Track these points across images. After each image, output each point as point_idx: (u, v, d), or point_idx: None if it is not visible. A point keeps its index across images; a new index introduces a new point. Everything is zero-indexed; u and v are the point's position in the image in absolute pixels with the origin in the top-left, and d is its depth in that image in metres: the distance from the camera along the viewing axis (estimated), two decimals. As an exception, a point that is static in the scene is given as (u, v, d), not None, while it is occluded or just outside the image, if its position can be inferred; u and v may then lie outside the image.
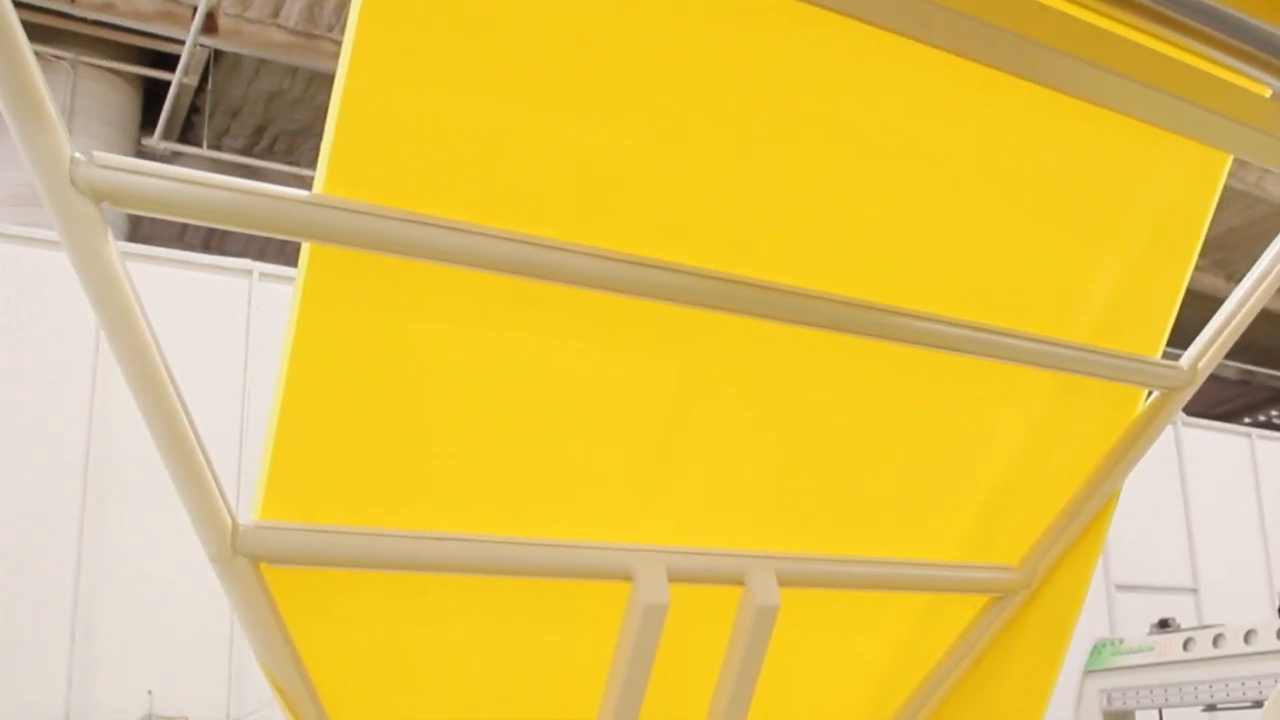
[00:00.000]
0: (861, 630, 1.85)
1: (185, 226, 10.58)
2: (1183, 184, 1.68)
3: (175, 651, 6.87)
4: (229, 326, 7.21)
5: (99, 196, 1.05)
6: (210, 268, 7.34)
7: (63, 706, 6.57)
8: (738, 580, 1.58)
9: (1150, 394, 1.83)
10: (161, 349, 1.16)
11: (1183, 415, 11.09)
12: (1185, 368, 1.78)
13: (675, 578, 1.51)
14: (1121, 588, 10.46)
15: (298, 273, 1.25)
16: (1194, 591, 11.16)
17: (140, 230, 9.99)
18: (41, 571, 6.67)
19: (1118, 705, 8.77)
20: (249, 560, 1.30)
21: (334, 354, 1.28)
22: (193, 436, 1.20)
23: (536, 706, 1.63)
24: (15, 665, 6.52)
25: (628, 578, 1.49)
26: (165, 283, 7.00)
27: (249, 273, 7.37)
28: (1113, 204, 1.65)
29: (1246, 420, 14.21)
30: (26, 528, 6.64)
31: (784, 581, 1.60)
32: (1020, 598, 1.88)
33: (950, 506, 1.82)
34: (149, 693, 6.76)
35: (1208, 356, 1.79)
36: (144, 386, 1.16)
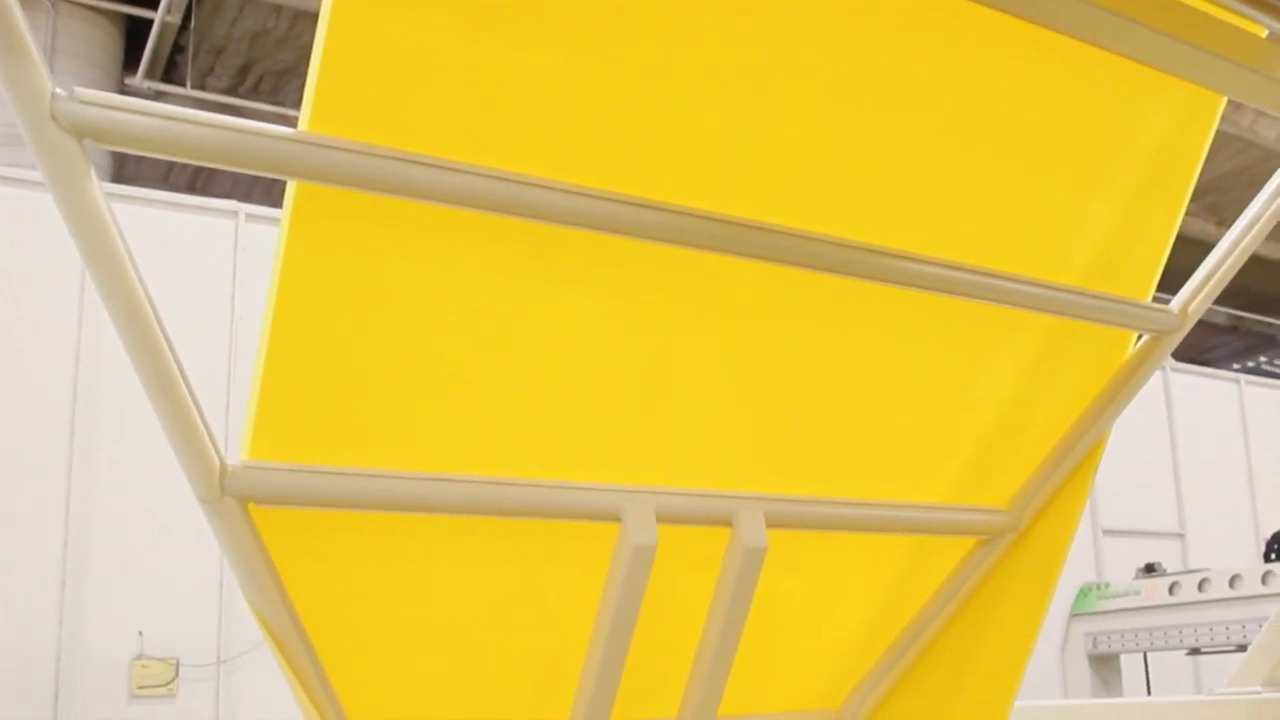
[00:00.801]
0: (850, 572, 1.86)
1: (170, 168, 10.53)
2: (1176, 126, 1.67)
3: (165, 593, 6.90)
4: (215, 268, 7.18)
5: (80, 133, 1.04)
6: (196, 209, 7.31)
7: (54, 648, 6.60)
8: (726, 521, 1.58)
9: (1140, 338, 1.83)
10: (147, 288, 1.15)
11: (1171, 361, 11.12)
12: (1175, 311, 1.78)
13: (664, 519, 1.51)
14: (1108, 533, 10.53)
15: (283, 212, 1.24)
16: (1180, 537, 11.23)
17: (125, 172, 9.93)
18: (31, 514, 6.68)
19: (1103, 648, 8.85)
20: (237, 501, 1.29)
21: (320, 294, 1.28)
22: (179, 377, 1.19)
23: (526, 646, 1.64)
24: (6, 608, 6.54)
25: (616, 518, 1.49)
26: (150, 224, 6.97)
27: (235, 214, 7.34)
28: (1105, 146, 1.64)
29: (1235, 366, 14.26)
30: (14, 471, 6.64)
31: (772, 523, 1.60)
32: (1008, 540, 1.89)
33: (939, 450, 1.82)
34: (139, 634, 6.80)
35: (1198, 300, 1.79)
36: (130, 326, 1.15)
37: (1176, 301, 1.79)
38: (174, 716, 6.87)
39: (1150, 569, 9.12)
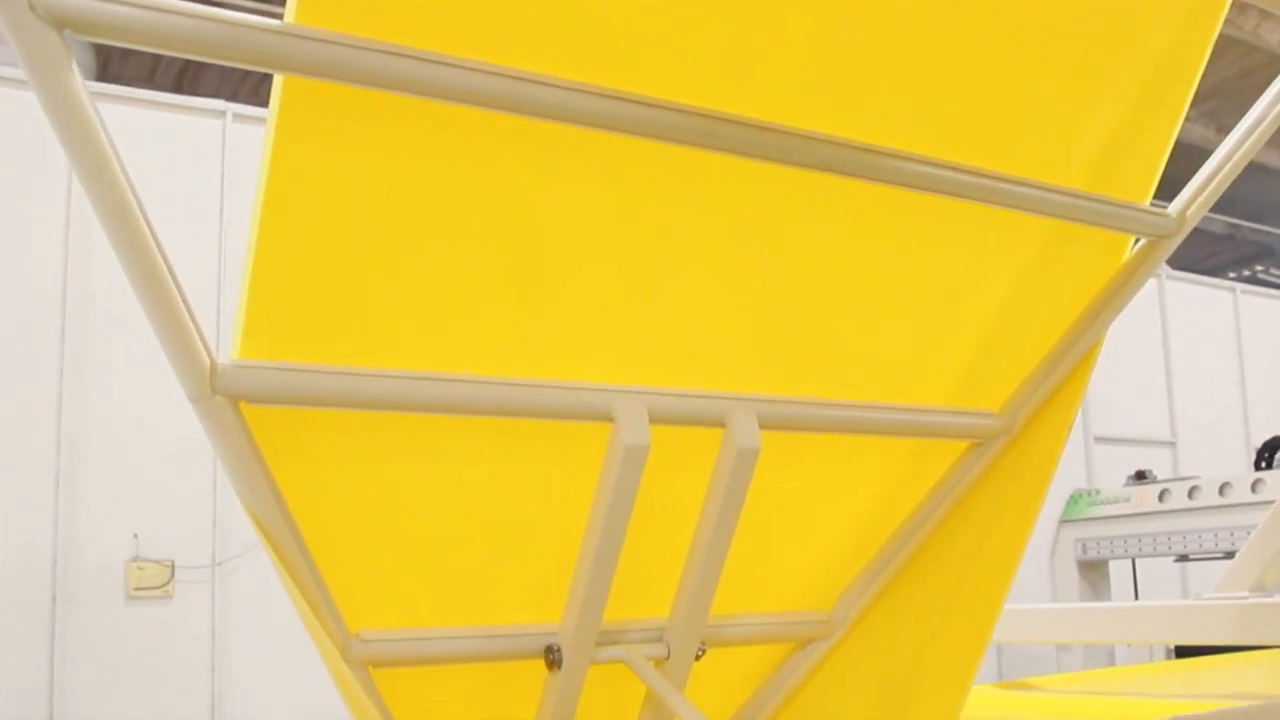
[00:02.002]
0: (842, 475, 1.87)
1: (155, 67, 10.39)
2: (1179, 27, 1.65)
3: (160, 496, 6.94)
4: (203, 169, 7.14)
5: (60, 23, 1.02)
6: (182, 108, 7.24)
7: (50, 552, 6.66)
8: (719, 422, 1.58)
9: (1137, 242, 1.82)
10: (134, 185, 1.14)
11: (1167, 269, 11.12)
12: (1173, 215, 1.77)
13: (656, 419, 1.51)
14: (1100, 440, 10.59)
15: (270, 107, 1.22)
16: (1171, 445, 11.31)
17: (109, 71, 9.81)
18: (23, 419, 6.70)
19: (1092, 555, 8.96)
20: (228, 400, 1.29)
21: (309, 191, 1.26)
22: (168, 275, 1.18)
23: (520, 547, 1.65)
24: (1, 512, 6.58)
25: (608, 419, 1.49)
26: (136, 124, 6.91)
27: (222, 114, 7.27)
28: (1107, 47, 1.62)
29: (1231, 275, 14.24)
30: (4, 375, 6.65)
31: (765, 424, 1.60)
32: (1000, 444, 1.89)
33: (934, 353, 1.82)
34: (135, 537, 6.85)
35: (1196, 204, 1.77)
36: (116, 225, 1.13)
37: (1175, 205, 1.77)
38: (171, 617, 6.95)
39: (1141, 476, 9.21)
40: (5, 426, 6.62)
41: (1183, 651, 5.81)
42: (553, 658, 1.65)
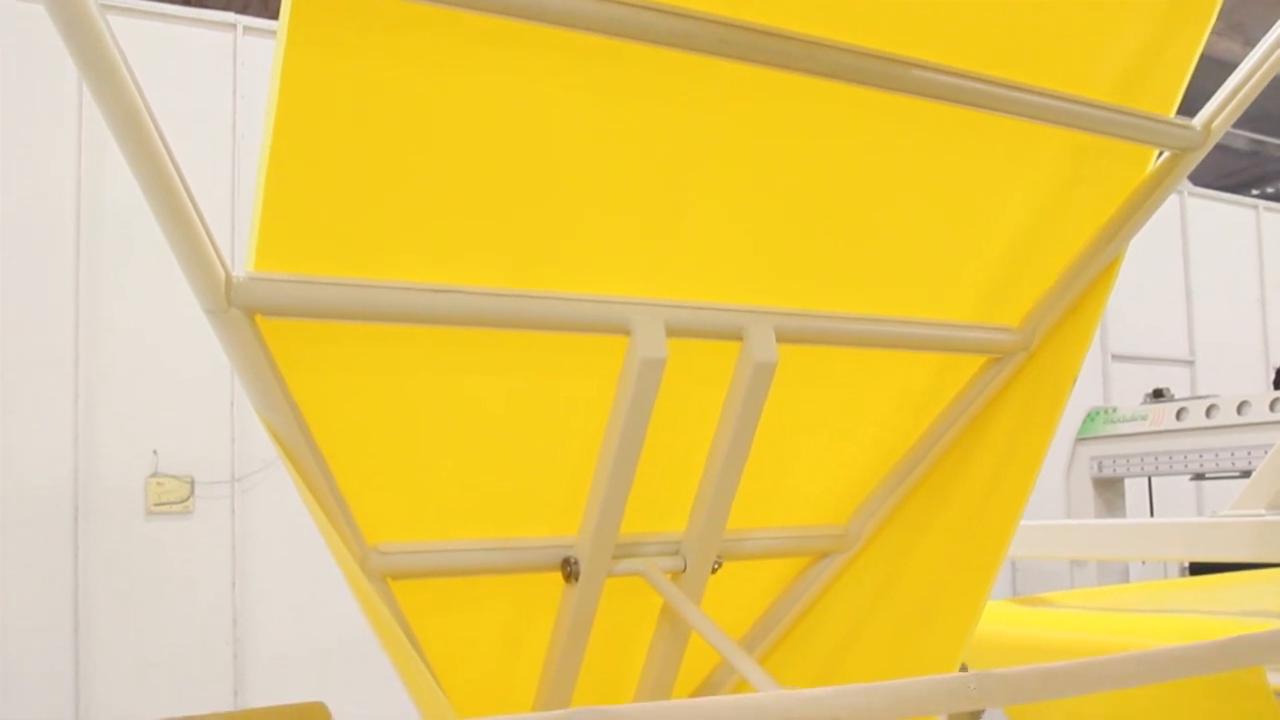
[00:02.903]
0: (859, 390, 1.86)
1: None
2: None
3: (178, 413, 6.97)
4: (214, 83, 7.08)
5: None
6: (192, 21, 7.17)
7: (71, 468, 6.71)
8: (736, 335, 1.57)
9: (1160, 156, 1.79)
10: (145, 97, 1.12)
11: (1189, 185, 11.00)
12: (1198, 128, 1.74)
13: (673, 332, 1.51)
14: (1117, 358, 10.55)
15: (281, 16, 1.20)
16: (1190, 363, 11.25)
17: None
18: (39, 336, 6.71)
19: (1107, 473, 8.96)
20: (243, 312, 1.29)
21: (321, 103, 1.24)
22: (182, 189, 1.17)
23: (536, 460, 1.65)
24: (20, 428, 6.62)
25: (625, 331, 1.48)
26: (147, 37, 6.86)
27: (233, 26, 7.20)
28: None
29: (1254, 192, 14.09)
30: (20, 293, 6.65)
31: (782, 338, 1.59)
32: (1019, 359, 1.88)
33: (954, 268, 1.80)
34: (154, 453, 6.89)
35: (1221, 117, 1.74)
36: (129, 137, 1.12)
37: (1200, 117, 1.74)
38: (191, 532, 7.01)
39: (1159, 394, 9.18)
40: (23, 345, 6.64)
41: (1197, 569, 5.82)
42: (570, 570, 1.66)
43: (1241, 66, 1.76)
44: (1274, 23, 1.78)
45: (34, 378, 6.70)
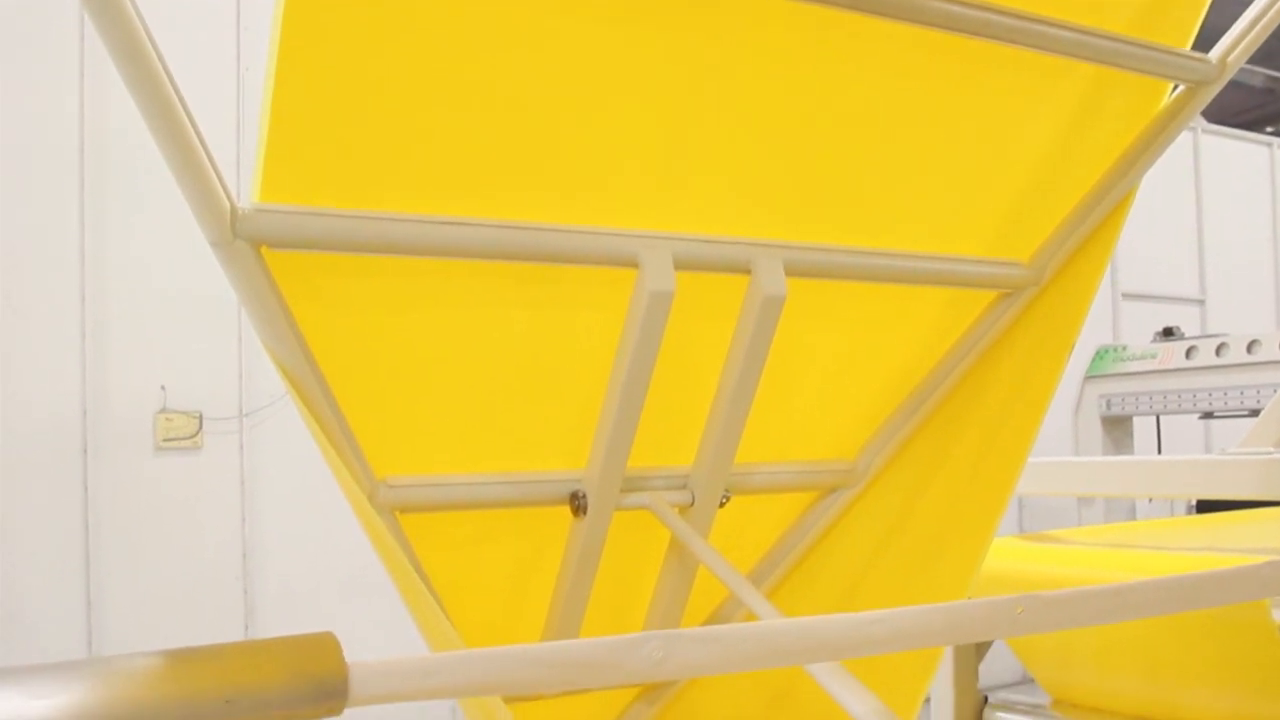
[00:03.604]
0: (868, 325, 1.86)
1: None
2: None
3: (186, 349, 6.99)
4: (218, 13, 7.04)
5: None
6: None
7: (79, 403, 6.73)
8: (744, 269, 1.56)
9: (1175, 90, 1.77)
10: (148, 28, 1.11)
11: (1203, 122, 10.91)
12: (1214, 61, 1.72)
13: (681, 265, 1.50)
14: (1128, 296, 10.53)
15: (286, -60, 1.19)
16: (1200, 302, 11.23)
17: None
18: (46, 270, 6.71)
19: (1116, 411, 8.96)
20: (249, 244, 1.28)
21: (328, 28, 1.23)
22: (185, 118, 1.16)
23: (544, 395, 1.65)
24: (29, 365, 6.64)
25: (633, 264, 1.48)
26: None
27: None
28: None
29: (1269, 130, 13.96)
30: (26, 226, 6.65)
31: (791, 271, 1.58)
32: (1028, 294, 1.87)
33: (965, 202, 1.79)
34: (162, 389, 6.91)
35: (1237, 51, 1.72)
36: (131, 66, 1.11)
37: (1216, 50, 1.72)
38: (200, 467, 7.05)
39: (1169, 333, 9.16)
40: (29, 280, 6.65)
41: (1204, 508, 5.83)
42: (578, 504, 1.66)
43: (1258, 1, 1.74)
44: (1292, -44, 1.75)
45: (41, 313, 6.70)
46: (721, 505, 1.77)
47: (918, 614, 1.24)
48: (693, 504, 1.74)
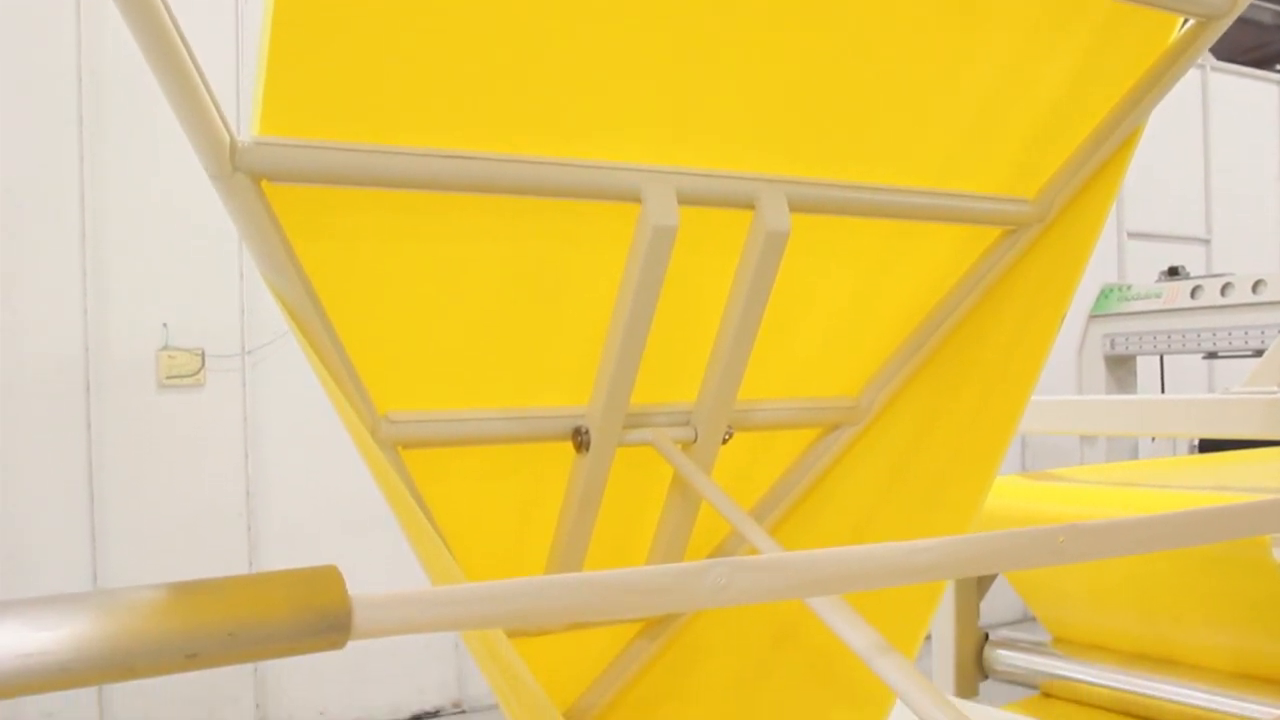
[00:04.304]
0: (872, 261, 1.85)
1: None
2: None
3: (187, 286, 6.99)
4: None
5: None
6: None
7: (81, 342, 6.74)
8: (748, 204, 1.55)
9: (1184, 24, 1.75)
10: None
11: (1212, 59, 10.82)
12: (1226, -7, 1.69)
13: (685, 200, 1.49)
14: (1133, 235, 10.50)
15: None
16: (1206, 242, 11.20)
17: None
18: (45, 207, 6.70)
19: (1120, 350, 8.97)
20: (249, 177, 1.27)
21: None
22: (183, 49, 1.14)
23: (546, 328, 1.64)
24: (29, 301, 6.64)
25: (636, 199, 1.47)
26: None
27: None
28: None
29: (1279, 67, 13.85)
30: (24, 163, 6.62)
31: (795, 206, 1.57)
32: (1033, 232, 1.86)
33: (971, 138, 1.77)
34: (164, 326, 6.92)
35: None
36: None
37: (1226, -16, 1.70)
38: (202, 405, 7.08)
39: (1174, 272, 9.14)
40: (28, 217, 6.63)
41: (1206, 448, 5.84)
42: (581, 439, 1.66)
43: (1272, -68, 1.72)
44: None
45: (41, 250, 6.70)
46: (724, 442, 1.77)
47: (968, 542, 1.29)
48: (695, 440, 1.74)
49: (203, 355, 7.01)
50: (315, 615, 0.90)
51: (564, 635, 1.90)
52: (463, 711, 7.99)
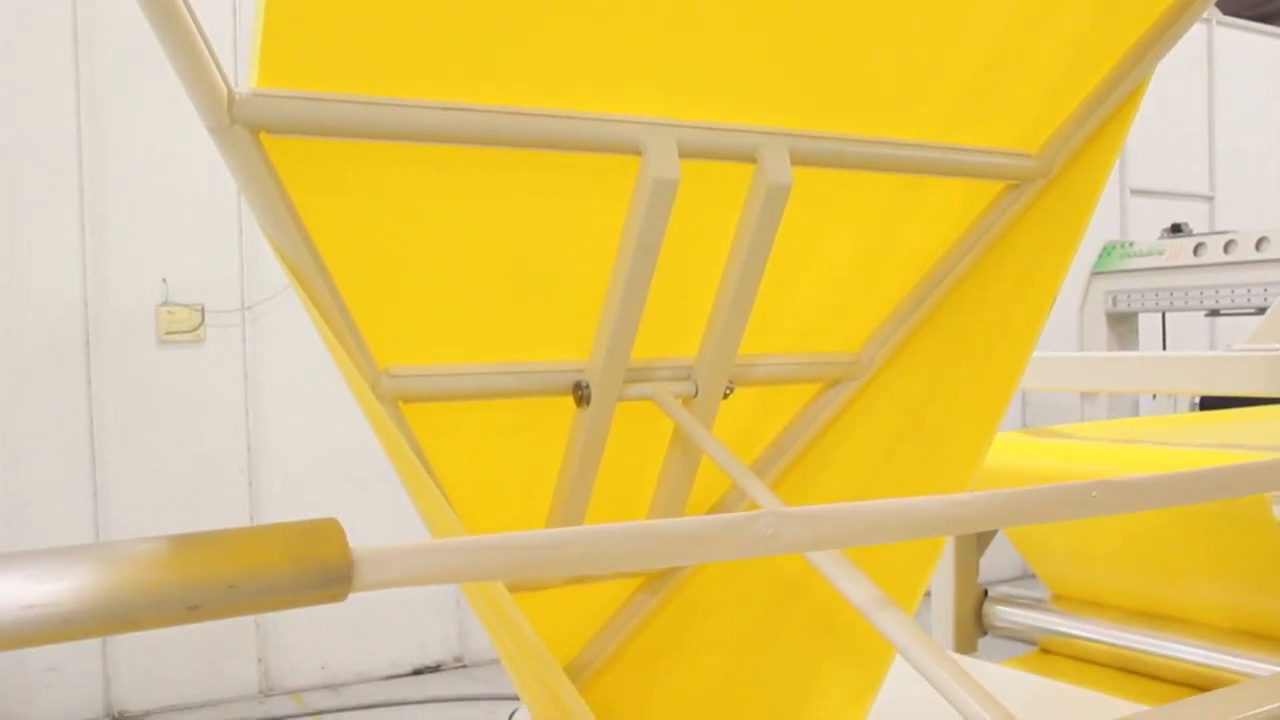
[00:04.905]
0: (874, 215, 1.84)
1: None
2: None
3: (187, 240, 6.98)
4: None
5: None
6: None
7: (80, 297, 6.73)
8: (750, 157, 1.55)
9: None
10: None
11: (1218, 14, 10.75)
12: (1232, -55, 1.68)
13: (686, 152, 1.48)
14: (1136, 192, 10.47)
15: None
16: (1209, 199, 11.17)
17: None
18: (42, 161, 6.68)
19: (1122, 307, 8.95)
20: (247, 130, 1.26)
21: None
22: (181, 0, 1.14)
23: (546, 283, 1.64)
24: (27, 257, 6.63)
25: (637, 151, 1.46)
26: None
27: None
28: None
29: (1284, 23, 13.77)
30: (20, 115, 6.59)
31: (797, 160, 1.56)
32: (1037, 186, 1.85)
33: (974, 91, 1.76)
34: (163, 281, 6.91)
35: None
36: None
37: (1234, -66, 1.68)
38: (202, 360, 7.08)
39: (1176, 229, 9.11)
40: (25, 170, 6.61)
41: (1207, 406, 5.84)
42: (581, 394, 1.66)
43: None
44: None
45: (38, 205, 6.68)
46: (725, 397, 1.77)
47: (1010, 496, 1.32)
48: (696, 395, 1.74)
49: (202, 311, 7.00)
50: (316, 568, 0.90)
51: (565, 590, 1.91)
52: (464, 666, 8.04)
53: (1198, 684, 2.63)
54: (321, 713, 7.11)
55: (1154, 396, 8.32)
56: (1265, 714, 1.38)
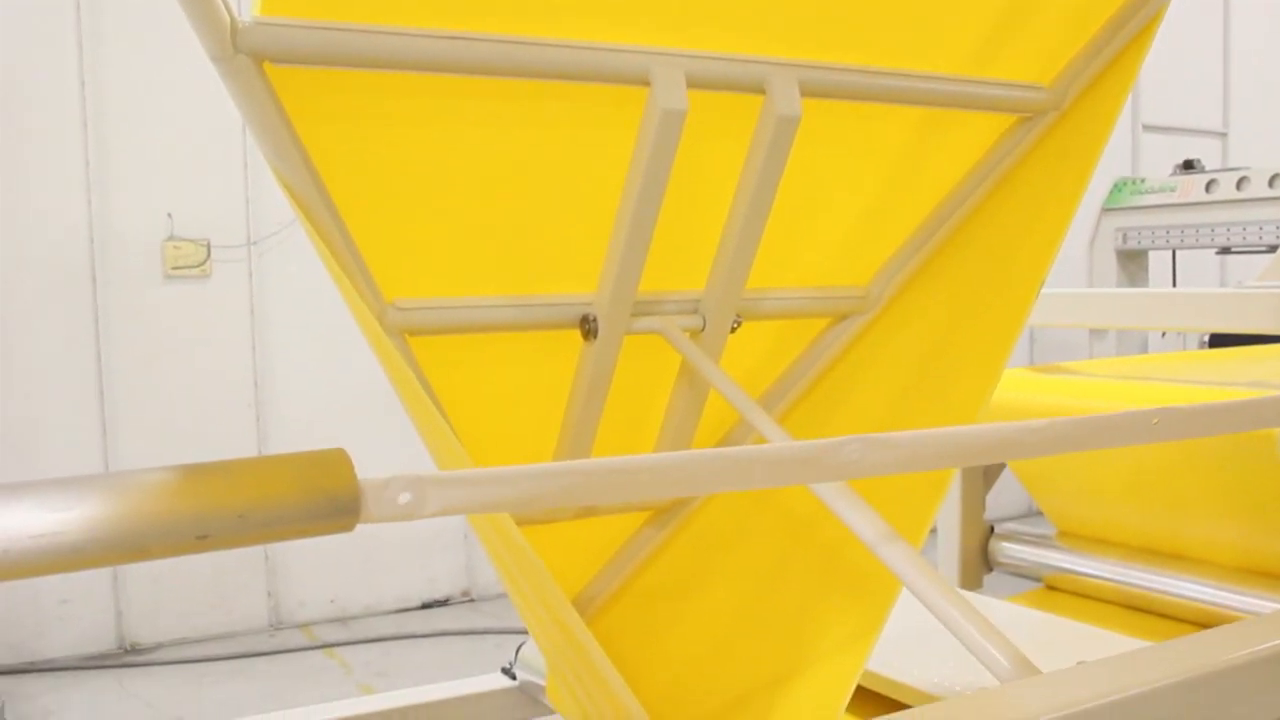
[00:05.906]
0: (884, 148, 1.82)
1: None
2: None
3: (191, 176, 6.94)
4: None
5: None
6: None
7: (86, 233, 6.71)
8: (759, 88, 1.53)
9: None
10: None
11: (1233, -52, 10.61)
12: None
13: (694, 83, 1.46)
14: (1148, 128, 10.38)
15: None
16: (1223, 136, 11.07)
17: None
18: (44, 95, 6.63)
19: (1132, 244, 8.91)
20: (251, 59, 1.25)
21: None
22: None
23: (553, 215, 1.63)
24: (32, 193, 6.60)
25: (645, 82, 1.44)
26: None
27: None
28: None
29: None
30: (21, 48, 6.55)
31: (806, 91, 1.55)
32: (1049, 119, 1.83)
33: (985, 23, 1.74)
34: (169, 216, 6.89)
35: None
36: None
37: None
38: (208, 295, 7.07)
39: (1189, 166, 9.04)
40: (28, 104, 6.57)
41: (1216, 343, 5.82)
42: (588, 327, 1.65)
43: None
44: None
45: (41, 140, 6.64)
46: (733, 331, 1.76)
47: (1070, 424, 1.37)
48: (704, 329, 1.73)
49: (208, 246, 6.99)
50: (325, 498, 0.90)
51: (572, 524, 1.91)
52: (471, 600, 8.10)
53: (1202, 621, 2.64)
54: (330, 645, 7.18)
55: (1163, 334, 8.30)
56: (1267, 651, 1.38)
